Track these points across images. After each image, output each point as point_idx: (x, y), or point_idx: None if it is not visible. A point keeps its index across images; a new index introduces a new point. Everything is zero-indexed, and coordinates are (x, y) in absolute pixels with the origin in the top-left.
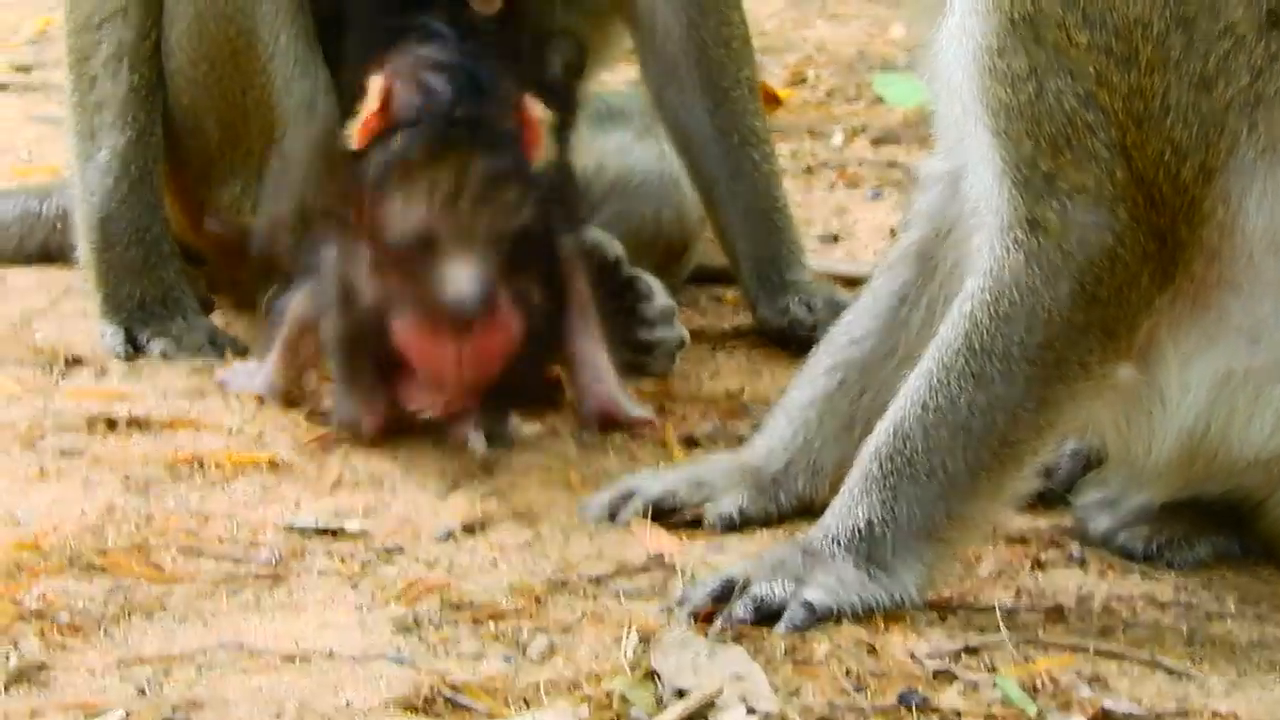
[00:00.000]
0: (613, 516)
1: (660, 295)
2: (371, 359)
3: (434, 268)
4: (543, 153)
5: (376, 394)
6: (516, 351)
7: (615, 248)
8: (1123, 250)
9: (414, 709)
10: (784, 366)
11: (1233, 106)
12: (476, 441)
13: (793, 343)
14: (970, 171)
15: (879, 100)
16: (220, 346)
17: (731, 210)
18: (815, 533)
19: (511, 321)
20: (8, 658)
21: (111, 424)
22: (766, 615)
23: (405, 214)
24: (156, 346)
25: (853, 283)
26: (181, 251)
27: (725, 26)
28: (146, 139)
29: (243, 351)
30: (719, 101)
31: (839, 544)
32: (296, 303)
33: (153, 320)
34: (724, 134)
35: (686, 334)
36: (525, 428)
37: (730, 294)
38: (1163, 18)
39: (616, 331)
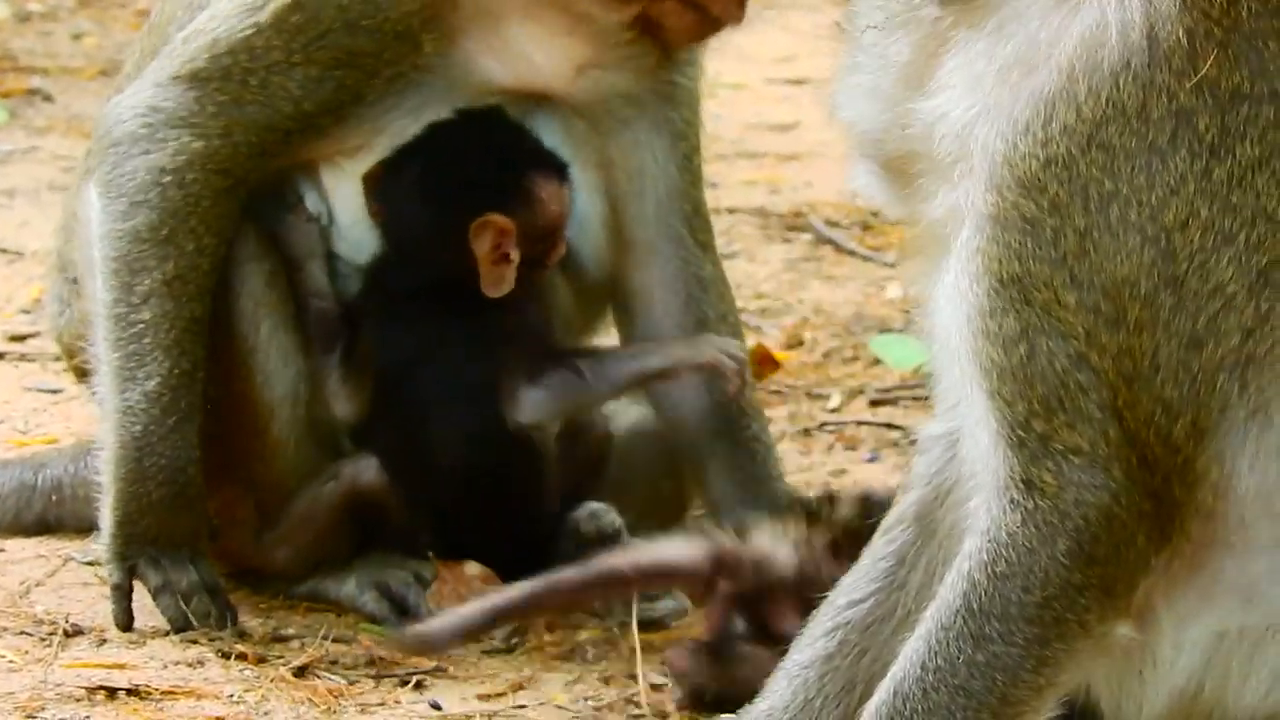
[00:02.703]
0: None
1: None
2: None
3: None
4: None
5: None
6: None
7: (614, 519)
8: (1119, 510)
9: None
10: None
11: (1223, 366)
12: None
13: None
14: (967, 433)
15: (877, 362)
16: (221, 611)
17: (725, 485)
18: None
19: None
20: None
21: (111, 694)
22: None
23: None
24: (163, 603)
25: None
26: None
27: (721, 301)
28: (196, 375)
29: (235, 620)
30: (715, 375)
31: None
32: None
33: (162, 565)
34: (720, 408)
35: (688, 602)
36: None
37: None
38: (1150, 277)
39: (621, 602)
